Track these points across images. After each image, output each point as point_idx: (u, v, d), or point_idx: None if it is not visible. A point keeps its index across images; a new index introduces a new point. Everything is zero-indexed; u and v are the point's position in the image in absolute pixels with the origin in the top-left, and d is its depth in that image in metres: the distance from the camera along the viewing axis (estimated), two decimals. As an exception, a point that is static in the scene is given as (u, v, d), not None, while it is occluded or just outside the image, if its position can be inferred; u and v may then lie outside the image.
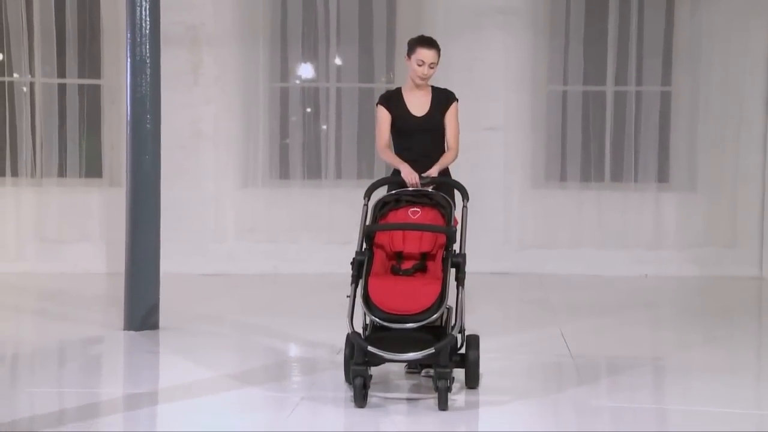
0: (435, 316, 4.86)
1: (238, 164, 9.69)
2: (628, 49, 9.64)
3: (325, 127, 9.74)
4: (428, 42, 5.65)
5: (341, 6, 9.61)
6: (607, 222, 9.72)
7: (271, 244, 9.65)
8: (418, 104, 5.66)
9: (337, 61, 9.79)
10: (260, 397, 5.14)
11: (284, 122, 9.75)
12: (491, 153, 9.72)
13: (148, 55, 6.61)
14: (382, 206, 5.37)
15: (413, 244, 5.26)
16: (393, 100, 5.71)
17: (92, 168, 9.65)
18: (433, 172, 5.46)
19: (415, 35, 8.82)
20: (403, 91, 5.73)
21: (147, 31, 6.59)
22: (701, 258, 9.67)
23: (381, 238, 5.26)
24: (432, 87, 5.73)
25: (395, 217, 5.33)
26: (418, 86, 5.66)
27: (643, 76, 9.68)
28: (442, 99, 5.69)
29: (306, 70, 9.80)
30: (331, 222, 9.62)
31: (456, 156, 5.66)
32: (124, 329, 6.70)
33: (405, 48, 9.58)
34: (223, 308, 7.91)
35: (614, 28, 9.62)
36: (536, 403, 5.08)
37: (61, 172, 9.63)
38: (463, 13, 9.64)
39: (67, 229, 9.57)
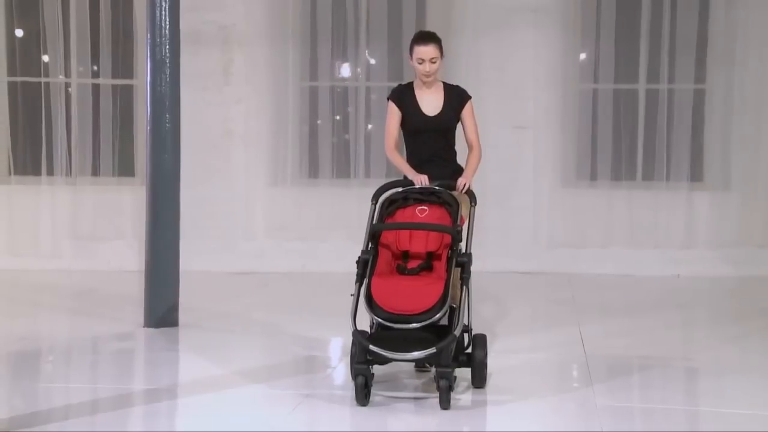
0: (437, 316, 4.83)
1: (268, 163, 9.76)
2: (660, 47, 9.52)
3: (354, 126, 9.76)
4: (423, 38, 5.54)
5: (371, 5, 9.63)
6: (638, 221, 9.62)
7: (300, 243, 9.71)
8: (430, 103, 5.59)
9: (367, 60, 9.82)
10: (265, 394, 5.18)
11: (313, 121, 9.80)
12: (521, 152, 9.68)
13: (167, 55, 6.68)
14: (389, 204, 5.37)
15: (419, 243, 5.23)
16: (404, 97, 5.62)
17: (125, 167, 9.80)
18: (468, 180, 5.47)
19: (443, 34, 8.79)
20: (414, 88, 5.63)
21: (167, 32, 6.67)
22: (735, 258, 9.50)
23: (387, 237, 5.25)
24: (444, 84, 5.66)
25: (403, 215, 5.31)
26: (426, 84, 5.58)
27: (675, 73, 9.56)
28: (456, 98, 5.61)
29: (335, 69, 9.83)
30: (360, 221, 9.56)
31: (481, 155, 5.62)
32: (144, 326, 6.79)
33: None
34: (247, 306, 7.98)
35: (646, 24, 9.50)
36: (546, 404, 5.05)
37: (95, 171, 9.80)
38: (493, 11, 9.60)
39: (100, 227, 9.73)
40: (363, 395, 4.82)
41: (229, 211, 9.73)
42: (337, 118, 9.82)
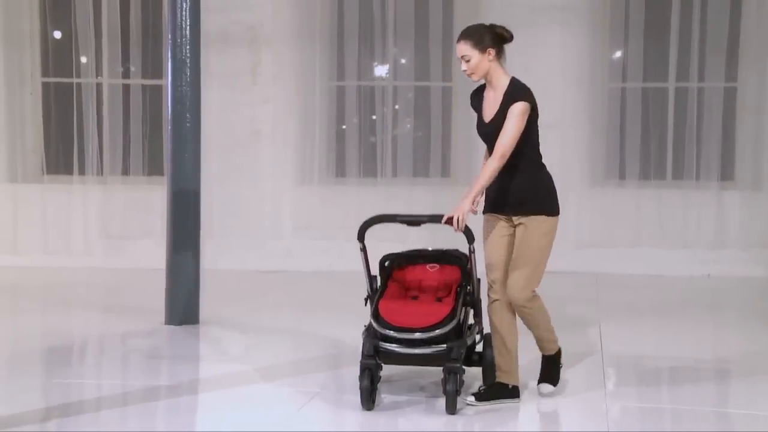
0: (442, 330, 4.77)
1: (295, 162, 9.81)
2: (690, 44, 9.41)
3: (381, 125, 9.77)
4: (460, 34, 4.98)
5: (398, 4, 9.64)
6: (667, 220, 9.52)
7: (327, 242, 9.74)
8: (489, 106, 4.94)
9: (393, 59, 9.83)
10: (275, 392, 5.20)
11: (340, 121, 9.84)
12: (549, 151, 9.33)
13: (188, 55, 6.75)
14: (401, 261, 5.27)
15: (430, 287, 5.22)
16: (475, 100, 5.05)
17: (155, 166, 9.90)
18: (468, 199, 4.77)
19: None
20: (485, 89, 5.02)
21: (187, 32, 6.73)
22: (766, 258, 9.37)
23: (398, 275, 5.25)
24: (510, 83, 4.90)
25: (413, 272, 5.26)
26: (489, 84, 4.95)
27: (706, 71, 9.44)
28: (509, 100, 4.83)
29: (362, 69, 9.84)
30: (386, 219, 9.64)
31: (497, 167, 4.78)
32: (165, 324, 6.87)
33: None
34: (271, 304, 8.04)
35: (676, 21, 9.40)
36: (565, 403, 5.01)
37: (125, 171, 9.92)
38: (520, 10, 9.54)
39: (130, 225, 9.85)
40: (368, 398, 4.79)
41: (256, 210, 9.80)
42: (364, 116, 9.84)
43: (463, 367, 4.85)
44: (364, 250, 5.05)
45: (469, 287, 5.03)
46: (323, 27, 9.70)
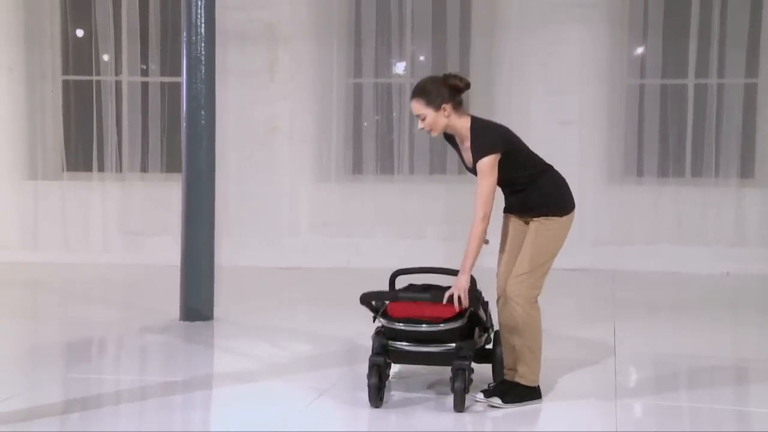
0: (449, 325, 4.73)
1: (312, 159, 9.83)
2: (710, 40, 9.34)
3: (398, 122, 9.78)
4: (411, 94, 4.84)
5: (415, 2, 9.63)
6: (686, 218, 9.46)
7: (344, 238, 9.76)
8: (465, 153, 4.86)
9: (412, 56, 9.82)
10: (284, 388, 5.21)
11: (357, 118, 9.85)
12: (566, 147, 9.57)
13: (203, 53, 6.77)
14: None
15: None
16: (449, 140, 4.96)
17: (173, 163, 9.95)
18: (461, 279, 4.70)
19: (488, 30, 8.48)
20: None
21: (202, 30, 6.75)
22: (787, 256, 9.31)
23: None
24: (471, 130, 4.77)
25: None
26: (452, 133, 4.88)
27: (725, 68, 9.37)
28: (475, 155, 4.73)
29: (380, 66, 9.85)
30: (404, 217, 9.67)
31: (482, 228, 4.68)
32: (180, 320, 6.91)
33: (481, 43, 9.63)
34: (287, 301, 8.09)
35: (696, 17, 9.33)
36: (576, 403, 4.97)
37: (144, 168, 9.99)
38: (538, 6, 9.53)
39: (149, 222, 9.91)
40: (376, 396, 4.78)
41: (274, 207, 9.84)
42: (381, 114, 9.84)
43: (472, 366, 4.84)
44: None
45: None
46: (341, 24, 9.71)
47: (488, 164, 4.68)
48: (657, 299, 8.25)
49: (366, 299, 4.93)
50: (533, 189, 4.87)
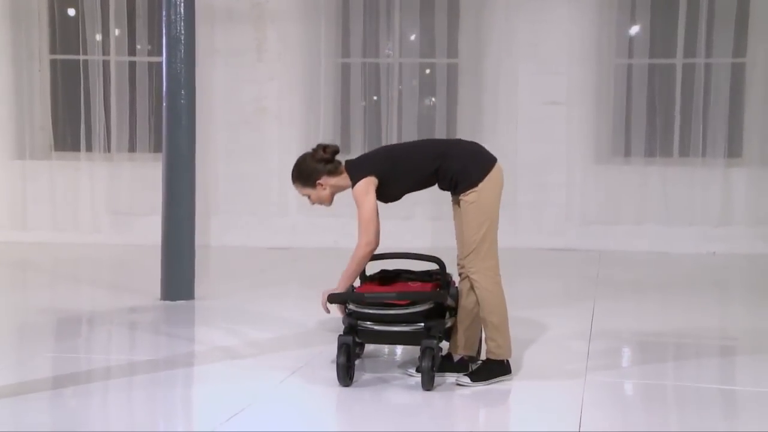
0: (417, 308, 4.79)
1: (300, 139, 9.80)
2: (698, 20, 9.31)
3: (386, 102, 9.76)
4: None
5: (404, -19, 9.60)
6: (673, 198, 9.46)
7: (332, 219, 9.71)
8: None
9: (399, 36, 9.79)
10: (257, 366, 5.23)
11: (345, 98, 9.83)
12: (554, 127, 9.58)
13: (182, 32, 6.76)
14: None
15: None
16: None
17: (161, 143, 9.88)
18: (323, 298, 4.97)
19: (477, 9, 8.44)
20: None
21: (181, 9, 6.74)
22: (773, 236, 9.31)
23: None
24: (352, 180, 5.04)
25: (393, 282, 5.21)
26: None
27: (713, 47, 9.34)
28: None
29: (368, 46, 9.82)
30: (391, 197, 9.65)
31: (366, 253, 4.90)
32: (161, 299, 6.93)
33: (469, 23, 9.59)
34: (271, 280, 8.10)
35: (684, -4, 9.30)
36: (559, 382, 4.99)
37: (132, 148, 10.00)
38: (527, -15, 9.51)
39: (137, 202, 9.92)
40: (345, 375, 4.81)
41: (262, 187, 9.84)
42: (369, 93, 9.83)
43: (440, 345, 4.87)
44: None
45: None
46: (329, 4, 9.69)
47: (360, 190, 4.91)
48: (643, 279, 8.26)
49: (334, 301, 4.96)
50: (444, 175, 4.92)
